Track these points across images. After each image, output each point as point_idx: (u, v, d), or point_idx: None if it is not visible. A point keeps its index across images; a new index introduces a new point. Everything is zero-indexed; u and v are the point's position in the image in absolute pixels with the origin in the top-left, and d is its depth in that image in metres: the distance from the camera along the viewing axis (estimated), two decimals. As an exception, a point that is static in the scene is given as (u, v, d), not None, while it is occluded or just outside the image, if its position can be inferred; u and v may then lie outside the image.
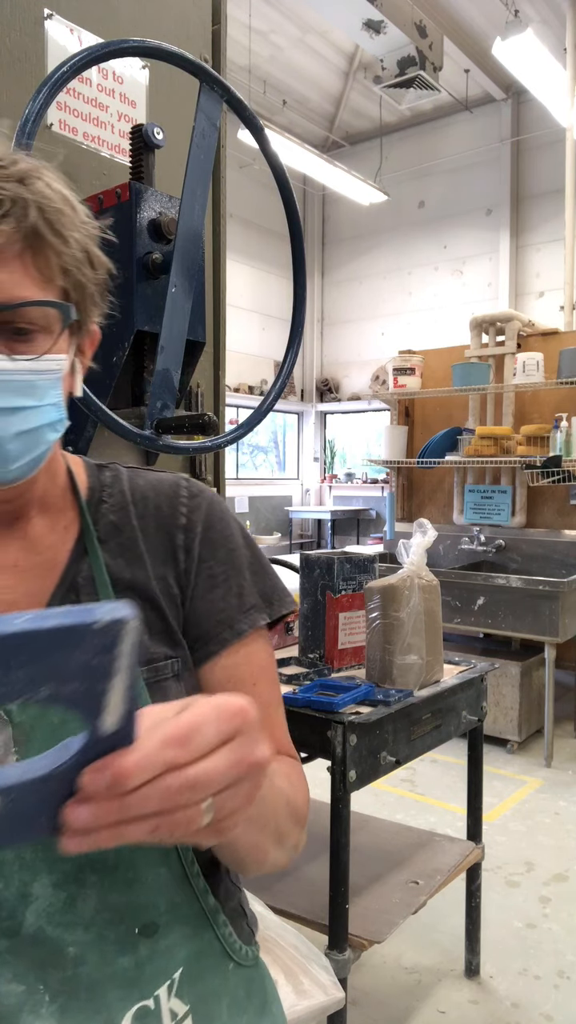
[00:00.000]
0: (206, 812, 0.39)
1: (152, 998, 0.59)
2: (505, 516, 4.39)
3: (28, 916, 0.57)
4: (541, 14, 7.06)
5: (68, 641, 0.34)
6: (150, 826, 0.38)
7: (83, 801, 0.37)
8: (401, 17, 5.32)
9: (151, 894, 0.61)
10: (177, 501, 0.71)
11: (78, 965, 0.57)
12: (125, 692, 0.36)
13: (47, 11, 1.40)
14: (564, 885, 2.62)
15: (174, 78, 1.55)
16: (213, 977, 0.65)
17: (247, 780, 0.41)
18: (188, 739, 0.39)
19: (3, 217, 0.55)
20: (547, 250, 8.42)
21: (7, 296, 0.57)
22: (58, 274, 0.60)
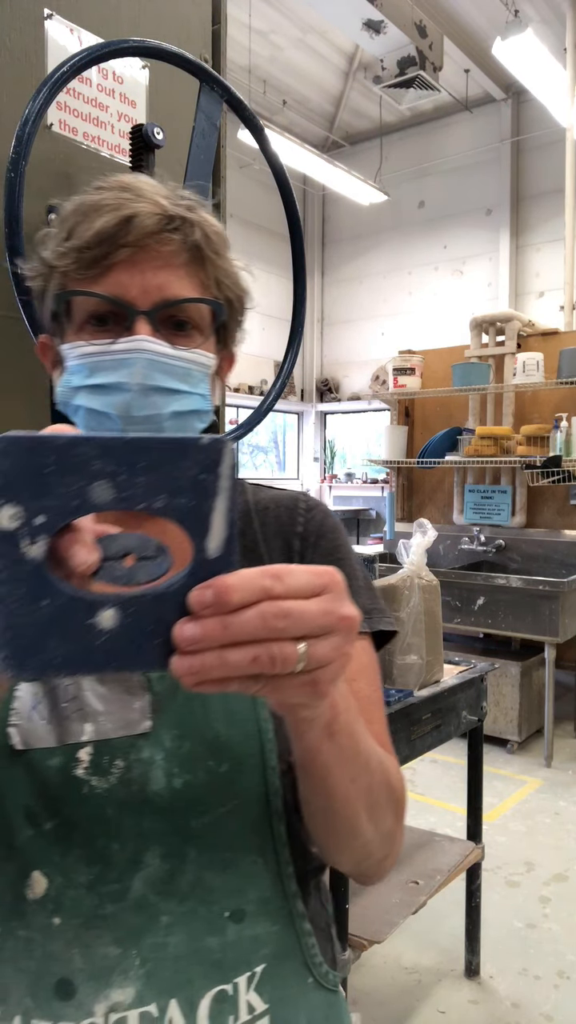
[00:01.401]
0: (300, 657, 0.41)
1: (231, 984, 0.62)
2: (505, 516, 4.40)
3: (136, 882, 0.61)
4: (541, 14, 7.06)
5: (180, 452, 0.39)
6: (250, 655, 0.40)
7: (191, 619, 0.40)
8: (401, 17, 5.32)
9: (243, 881, 0.64)
10: (295, 511, 0.77)
11: (168, 935, 0.61)
12: (226, 516, 0.40)
13: (47, 11, 1.40)
14: (564, 885, 2.62)
15: (174, 78, 1.55)
16: (293, 985, 0.66)
17: (338, 633, 0.43)
18: (283, 576, 0.41)
19: (175, 230, 0.66)
20: (547, 250, 8.42)
21: (173, 293, 0.67)
22: (213, 285, 0.70)
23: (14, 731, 0.62)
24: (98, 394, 0.66)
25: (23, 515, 0.37)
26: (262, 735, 0.65)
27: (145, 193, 0.67)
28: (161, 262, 0.66)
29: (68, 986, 0.59)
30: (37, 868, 0.61)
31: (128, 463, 0.38)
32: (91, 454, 0.38)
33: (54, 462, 0.37)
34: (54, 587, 0.38)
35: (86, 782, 0.61)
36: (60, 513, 0.38)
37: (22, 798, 0.62)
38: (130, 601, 0.39)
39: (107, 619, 0.39)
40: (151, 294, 0.66)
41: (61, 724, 0.62)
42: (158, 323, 0.67)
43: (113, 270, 0.65)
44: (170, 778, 0.62)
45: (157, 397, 0.66)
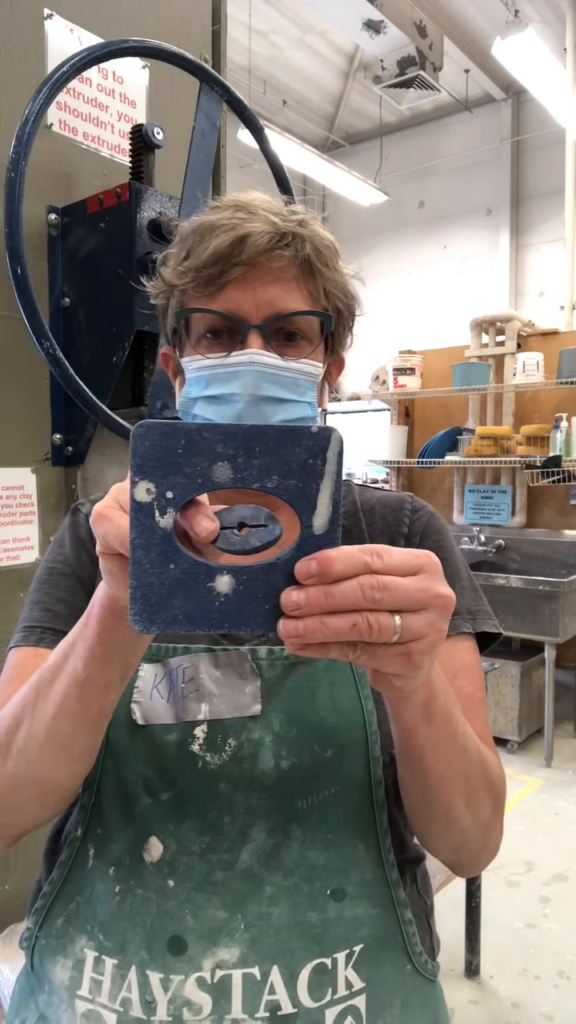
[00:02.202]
0: (396, 628, 0.44)
1: (330, 959, 0.65)
2: (505, 516, 4.39)
3: (243, 854, 0.65)
4: (541, 14, 7.06)
5: (291, 439, 0.43)
6: (350, 622, 0.43)
7: (297, 588, 0.44)
8: (401, 17, 5.31)
9: (344, 863, 0.67)
10: (402, 512, 0.81)
11: (272, 905, 0.65)
12: (331, 497, 0.44)
13: (47, 11, 1.40)
14: (564, 885, 2.62)
15: (174, 78, 1.55)
16: (390, 968, 0.68)
17: (432, 609, 0.46)
18: (382, 553, 0.45)
19: (285, 246, 0.70)
20: (547, 250, 8.42)
21: (283, 307, 0.71)
22: (322, 296, 0.74)
23: (136, 707, 0.68)
24: (213, 404, 0.71)
25: (156, 490, 0.43)
26: (367, 726, 0.69)
27: (258, 211, 0.71)
28: (272, 277, 0.71)
29: (180, 943, 0.64)
30: (154, 834, 0.67)
31: (246, 447, 0.43)
32: (215, 439, 0.43)
33: (183, 445, 0.43)
34: (180, 553, 0.44)
35: (201, 757, 0.67)
36: (187, 489, 0.43)
37: (141, 769, 0.68)
38: (244, 569, 0.44)
39: (224, 584, 0.44)
40: (262, 308, 0.70)
41: (179, 703, 0.68)
42: (269, 336, 0.71)
43: (228, 287, 0.70)
44: (278, 759, 0.67)
45: (266, 407, 0.70)
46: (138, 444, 0.43)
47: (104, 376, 1.36)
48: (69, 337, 1.42)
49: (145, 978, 0.63)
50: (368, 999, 0.66)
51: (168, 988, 0.63)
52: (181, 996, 0.62)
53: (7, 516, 1.39)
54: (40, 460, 1.44)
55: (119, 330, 1.35)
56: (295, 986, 0.63)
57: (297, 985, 0.63)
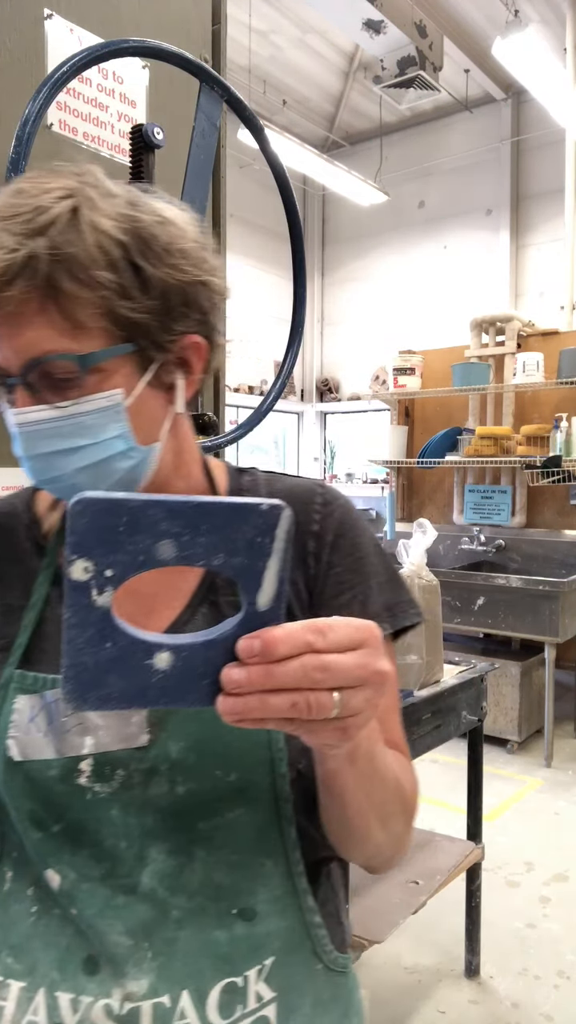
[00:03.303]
0: (335, 705, 0.44)
1: (242, 976, 0.64)
2: (505, 516, 4.39)
3: (144, 877, 0.63)
4: (541, 14, 7.06)
5: (239, 517, 0.42)
6: (290, 701, 0.43)
7: (238, 665, 0.43)
8: (401, 17, 5.31)
9: (252, 882, 0.66)
10: (311, 508, 0.73)
11: (179, 929, 0.63)
12: (277, 575, 0.43)
13: (47, 11, 1.40)
14: (564, 885, 2.63)
15: (174, 78, 1.55)
16: (301, 972, 0.68)
17: (371, 686, 0.46)
18: (326, 631, 0.44)
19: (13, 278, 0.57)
20: (547, 250, 8.42)
21: (37, 351, 0.59)
22: (90, 319, 0.60)
23: (12, 743, 0.64)
24: None
25: (94, 568, 0.41)
26: (272, 744, 0.66)
27: None
28: (12, 317, 0.59)
29: (94, 963, 0.62)
30: (49, 867, 0.64)
31: (192, 525, 0.41)
32: (159, 516, 0.41)
33: (126, 523, 0.41)
34: (118, 631, 0.42)
35: (89, 789, 0.63)
36: (127, 567, 0.41)
37: (26, 804, 0.64)
38: (184, 646, 0.43)
39: (162, 661, 0.43)
40: (20, 355, 0.60)
41: (60, 737, 0.63)
42: (35, 382, 0.61)
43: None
44: (173, 785, 0.64)
45: (56, 460, 0.63)
46: (77, 521, 0.40)
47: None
48: (69, 337, 1.42)
49: (54, 999, 0.62)
50: (278, 1006, 0.65)
51: (77, 1009, 0.61)
52: (89, 1020, 0.61)
53: (7, 516, 1.38)
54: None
55: (119, 330, 1.35)
56: (204, 1008, 0.62)
57: (207, 1006, 0.62)
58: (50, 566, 0.71)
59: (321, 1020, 0.69)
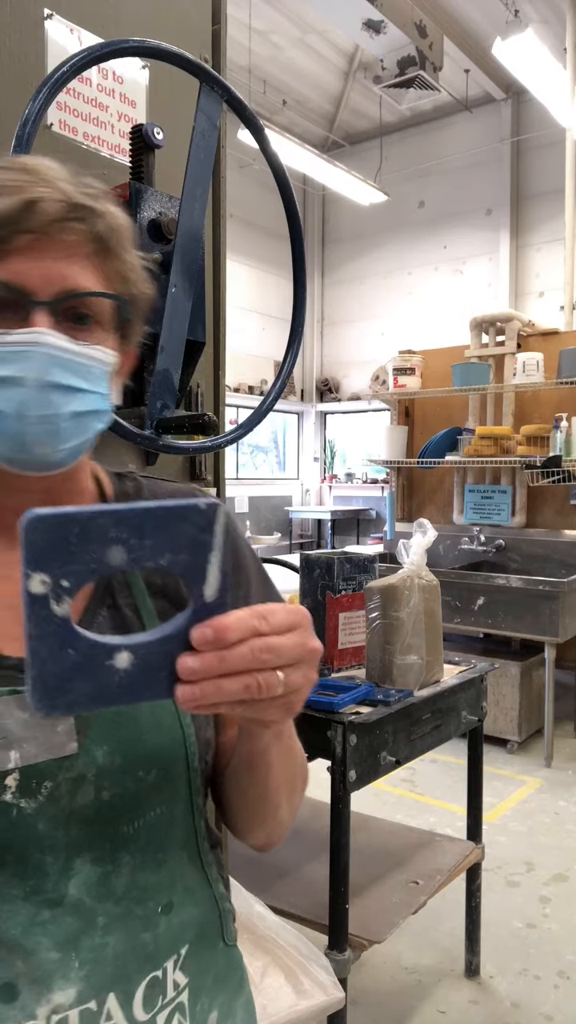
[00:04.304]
0: (280, 683, 0.48)
1: (161, 969, 0.65)
2: (505, 516, 4.40)
3: (70, 888, 0.62)
4: (541, 14, 7.06)
5: (181, 517, 0.45)
6: (242, 683, 0.47)
7: (192, 654, 0.46)
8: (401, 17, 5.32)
9: (172, 876, 0.67)
10: None
11: (106, 935, 0.63)
12: (220, 567, 0.46)
13: (47, 11, 1.40)
14: (564, 885, 2.63)
15: (174, 78, 1.55)
16: (209, 955, 0.71)
17: (307, 663, 0.50)
18: (268, 616, 0.48)
19: (80, 219, 0.63)
20: (547, 250, 8.42)
21: (76, 284, 0.63)
22: (118, 280, 0.67)
23: None
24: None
25: (51, 581, 0.43)
26: (186, 740, 0.68)
27: (48, 177, 0.63)
28: (64, 251, 0.62)
29: (11, 989, 0.60)
30: None
31: (139, 529, 0.44)
32: (108, 524, 0.44)
33: (77, 534, 0.43)
34: (79, 637, 0.44)
35: (15, 806, 0.61)
36: (82, 575, 0.44)
37: None
38: (141, 644, 0.46)
39: (123, 660, 0.45)
40: (53, 284, 0.62)
41: None
42: (59, 315, 0.63)
43: (11, 256, 0.61)
44: (99, 791, 0.63)
45: (55, 395, 0.62)
46: (31, 537, 0.42)
47: (104, 376, 1.36)
48: (69, 337, 1.42)
49: None
50: (190, 990, 0.67)
51: None
52: None
53: (7, 516, 1.38)
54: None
55: (119, 330, 1.35)
56: (131, 1006, 0.63)
57: (133, 1004, 0.63)
58: None
59: (222, 993, 0.72)
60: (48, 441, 0.63)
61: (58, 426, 0.63)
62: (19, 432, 0.62)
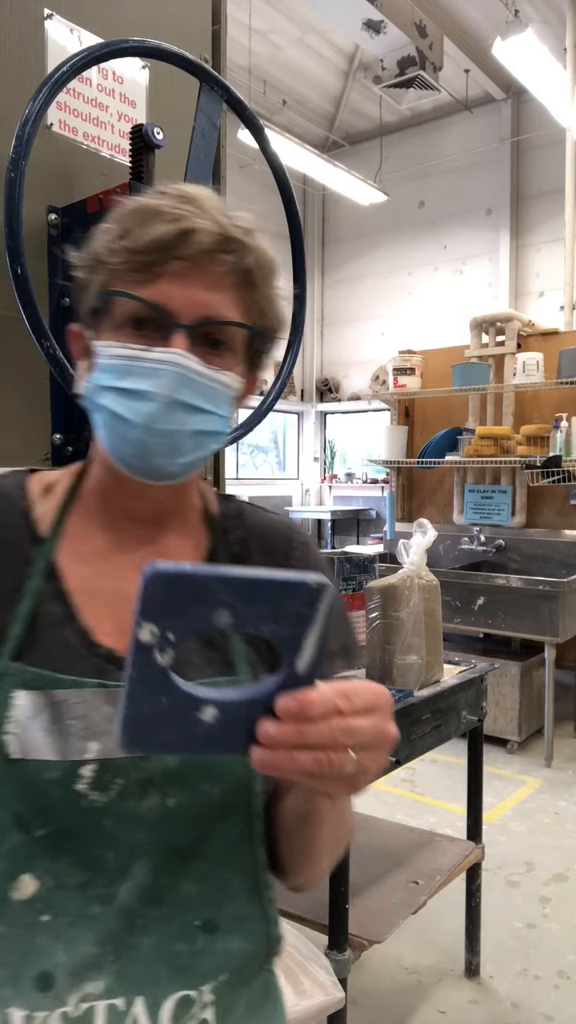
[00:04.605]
0: (352, 762, 0.49)
1: (196, 991, 0.65)
2: (505, 516, 4.40)
3: (122, 890, 0.64)
4: (541, 14, 7.06)
5: (290, 592, 0.46)
6: (315, 758, 0.48)
7: (274, 721, 0.48)
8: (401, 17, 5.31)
9: (218, 895, 0.67)
10: (292, 544, 0.80)
11: (142, 935, 0.64)
12: (317, 644, 0.47)
13: (47, 11, 1.40)
14: (564, 885, 2.63)
15: (174, 78, 1.55)
16: (244, 979, 0.71)
17: (380, 747, 0.51)
18: (352, 696, 0.49)
19: (229, 252, 0.67)
20: (547, 250, 8.42)
21: (217, 313, 0.67)
22: (256, 312, 0.71)
23: (11, 739, 0.62)
24: (125, 398, 0.67)
25: (159, 632, 0.46)
26: None
27: (206, 208, 0.67)
28: (210, 281, 0.67)
29: (47, 979, 0.62)
30: (27, 871, 0.63)
31: (246, 596, 0.46)
32: (219, 588, 0.46)
33: (190, 593, 0.45)
34: (173, 686, 0.47)
35: (85, 796, 0.63)
36: (187, 631, 0.46)
37: (12, 804, 0.63)
38: (229, 702, 0.48)
39: (208, 714, 0.48)
40: (194, 310, 0.67)
41: (64, 740, 0.63)
42: (196, 338, 0.67)
43: (162, 279, 0.66)
44: (164, 797, 0.65)
45: (181, 413, 0.67)
46: (149, 591, 0.45)
47: (104, 376, 1.36)
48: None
49: (6, 1016, 0.62)
50: (217, 1010, 0.67)
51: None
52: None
53: (7, 516, 1.38)
54: (40, 460, 1.44)
55: (119, 330, 1.35)
56: (158, 1016, 0.63)
57: (160, 1016, 0.63)
58: (45, 558, 0.70)
59: (254, 1019, 0.71)
60: (168, 453, 0.68)
61: (179, 441, 0.67)
62: (143, 442, 0.67)
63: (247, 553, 0.77)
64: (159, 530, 0.75)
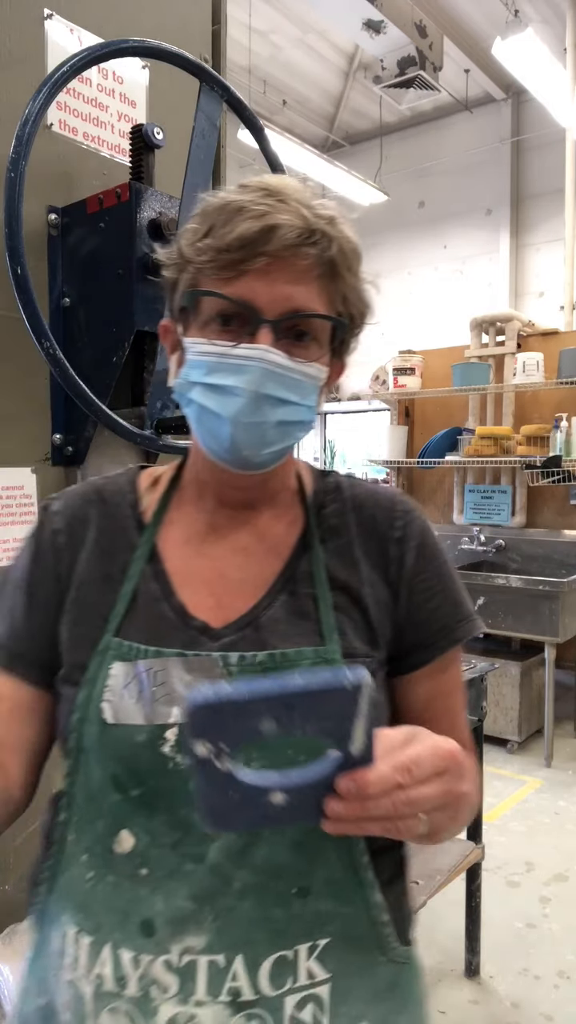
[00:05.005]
0: (423, 824, 0.54)
1: (292, 951, 0.67)
2: (505, 516, 4.39)
3: (211, 851, 0.67)
4: (541, 14, 7.06)
5: (327, 696, 0.51)
6: (382, 826, 0.54)
7: (337, 799, 0.53)
8: (401, 17, 5.31)
9: (311, 862, 0.69)
10: (393, 514, 0.79)
11: (240, 899, 0.67)
12: (365, 728, 0.52)
13: (47, 11, 1.40)
14: (564, 885, 2.63)
15: (174, 78, 1.55)
16: (359, 961, 0.71)
17: (451, 808, 0.56)
18: (411, 769, 0.54)
19: (313, 244, 0.68)
20: (547, 250, 8.41)
21: (301, 306, 0.69)
22: (339, 300, 0.73)
23: (107, 706, 0.68)
24: (213, 393, 0.69)
25: (212, 746, 0.51)
26: None
27: (289, 200, 0.68)
28: (295, 274, 0.68)
29: (150, 925, 0.66)
30: (125, 828, 0.68)
31: (287, 707, 0.51)
32: (260, 706, 0.50)
33: (233, 713, 0.50)
34: (239, 783, 0.52)
35: (171, 758, 0.67)
36: (238, 741, 0.51)
37: (111, 766, 0.68)
38: (294, 787, 0.54)
39: (277, 798, 0.53)
40: (279, 304, 0.68)
41: (150, 706, 0.68)
42: (280, 332, 0.69)
43: (247, 275, 0.68)
44: (248, 761, 0.67)
45: (267, 406, 0.69)
46: (195, 716, 0.50)
47: (104, 376, 1.36)
48: (69, 337, 1.42)
49: (118, 956, 0.67)
50: (332, 988, 0.68)
51: (138, 966, 0.66)
52: (149, 975, 0.66)
53: (7, 516, 1.39)
54: (40, 460, 1.44)
55: (119, 330, 1.35)
56: (256, 975, 0.66)
57: (259, 974, 0.66)
58: (147, 543, 0.76)
59: (377, 1008, 0.71)
60: (256, 445, 0.71)
61: (266, 433, 0.70)
62: (231, 435, 0.69)
63: (344, 526, 0.78)
64: (253, 512, 0.78)
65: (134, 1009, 0.66)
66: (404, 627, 0.77)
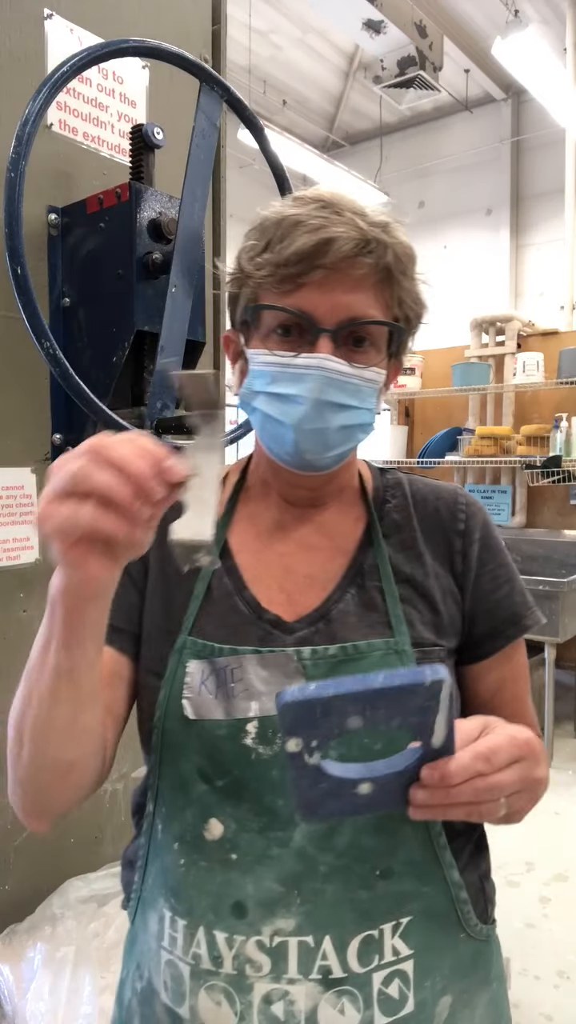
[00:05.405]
0: (502, 807, 0.59)
1: (377, 930, 0.70)
2: (505, 516, 4.39)
3: (296, 835, 0.70)
4: (541, 14, 7.06)
5: (409, 692, 0.54)
6: (465, 811, 0.58)
7: (422, 787, 0.57)
8: (401, 17, 5.31)
9: (393, 844, 0.72)
10: (456, 508, 0.82)
11: (326, 883, 0.70)
12: (446, 721, 0.55)
13: (47, 11, 1.40)
14: (564, 885, 2.62)
15: (174, 78, 1.55)
16: (441, 937, 0.74)
17: (529, 790, 0.61)
18: (490, 757, 0.58)
19: (368, 253, 0.70)
20: (547, 250, 8.42)
21: (358, 313, 0.71)
22: (396, 305, 0.75)
23: (187, 703, 0.72)
24: (276, 402, 0.72)
25: (303, 743, 0.54)
26: None
27: (344, 212, 0.70)
28: (351, 283, 0.71)
29: (241, 907, 0.70)
30: (214, 816, 0.72)
31: (372, 703, 0.53)
32: (345, 703, 0.53)
33: (320, 711, 0.53)
34: (329, 776, 0.56)
35: (253, 749, 0.70)
36: (327, 737, 0.54)
37: (195, 759, 0.72)
38: (380, 777, 0.57)
39: (364, 788, 0.57)
40: (337, 313, 0.71)
41: (229, 701, 0.71)
42: (339, 340, 0.72)
43: (305, 287, 0.70)
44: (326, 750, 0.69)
45: (328, 412, 0.72)
46: (284, 715, 0.53)
47: (104, 376, 1.36)
48: (69, 337, 1.42)
49: (212, 937, 0.70)
50: (416, 964, 0.71)
51: (232, 946, 0.69)
52: (243, 954, 0.69)
53: (7, 516, 1.39)
54: (40, 460, 1.44)
55: (119, 330, 1.35)
56: (345, 954, 0.69)
57: (347, 953, 0.69)
58: (219, 540, 0.79)
59: (460, 983, 0.75)
60: (318, 449, 0.74)
61: (328, 437, 0.73)
62: (295, 440, 0.73)
63: (407, 520, 0.81)
64: (318, 510, 0.81)
65: (230, 986, 0.69)
66: (473, 617, 0.80)
